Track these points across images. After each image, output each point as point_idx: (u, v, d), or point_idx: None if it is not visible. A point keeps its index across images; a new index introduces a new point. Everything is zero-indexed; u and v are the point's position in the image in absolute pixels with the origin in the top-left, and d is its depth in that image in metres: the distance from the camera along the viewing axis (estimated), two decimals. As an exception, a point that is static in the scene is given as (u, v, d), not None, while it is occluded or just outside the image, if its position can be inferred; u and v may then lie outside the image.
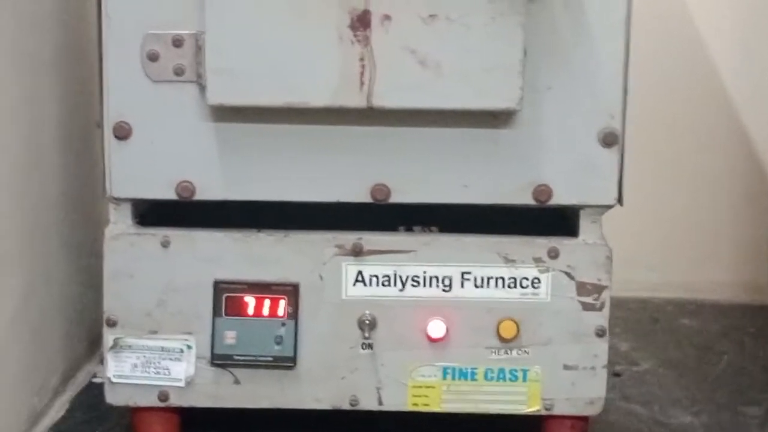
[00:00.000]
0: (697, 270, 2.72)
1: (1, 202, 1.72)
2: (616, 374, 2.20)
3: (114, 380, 1.72)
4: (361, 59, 1.57)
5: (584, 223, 1.70)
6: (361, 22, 1.57)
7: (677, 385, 2.15)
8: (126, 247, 1.70)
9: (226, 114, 1.64)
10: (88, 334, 2.09)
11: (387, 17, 1.56)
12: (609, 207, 1.70)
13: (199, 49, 1.61)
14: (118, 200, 1.69)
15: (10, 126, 1.74)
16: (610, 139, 1.66)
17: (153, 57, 1.63)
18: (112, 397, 1.73)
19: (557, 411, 1.73)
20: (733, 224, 2.68)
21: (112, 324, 1.71)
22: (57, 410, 1.95)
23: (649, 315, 2.58)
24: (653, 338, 2.42)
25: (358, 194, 1.67)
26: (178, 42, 1.63)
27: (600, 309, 1.71)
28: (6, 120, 1.73)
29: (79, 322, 2.05)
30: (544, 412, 1.73)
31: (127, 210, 1.70)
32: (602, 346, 1.72)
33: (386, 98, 1.59)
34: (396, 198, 1.68)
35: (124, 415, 1.82)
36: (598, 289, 1.70)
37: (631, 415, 2.00)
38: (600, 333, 1.71)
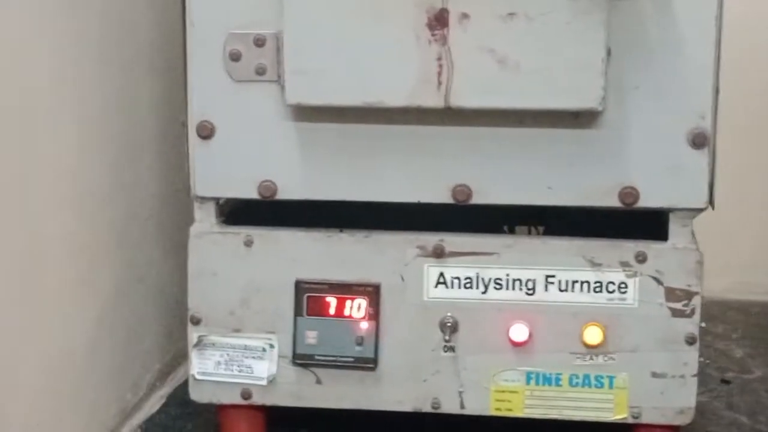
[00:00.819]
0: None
1: (94, 198, 1.75)
2: (726, 381, 2.13)
3: (198, 377, 1.74)
4: (439, 59, 1.55)
5: (674, 227, 1.64)
6: (439, 21, 1.54)
7: (791, 396, 2.07)
8: (209, 245, 1.71)
9: (306, 114, 1.64)
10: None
11: (465, 16, 1.54)
12: (700, 210, 1.64)
13: (279, 49, 1.61)
14: (202, 199, 1.70)
15: (105, 125, 1.78)
16: (699, 140, 1.60)
17: (235, 57, 1.64)
18: (197, 394, 1.75)
19: (645, 420, 1.68)
20: None
21: (196, 322, 1.72)
22: (152, 405, 1.98)
23: (771, 320, 2.50)
24: (773, 345, 2.34)
25: (440, 195, 1.65)
26: (259, 42, 1.63)
27: (690, 315, 1.65)
28: (102, 119, 1.76)
29: (178, 319, 2.07)
30: (631, 420, 1.69)
31: (210, 209, 1.71)
32: (692, 354, 1.66)
33: (464, 98, 1.56)
34: (478, 199, 1.65)
35: (217, 412, 1.84)
36: (688, 295, 1.65)
37: (733, 426, 1.93)
38: (690, 340, 1.65)
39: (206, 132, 1.66)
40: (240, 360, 1.73)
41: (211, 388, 1.74)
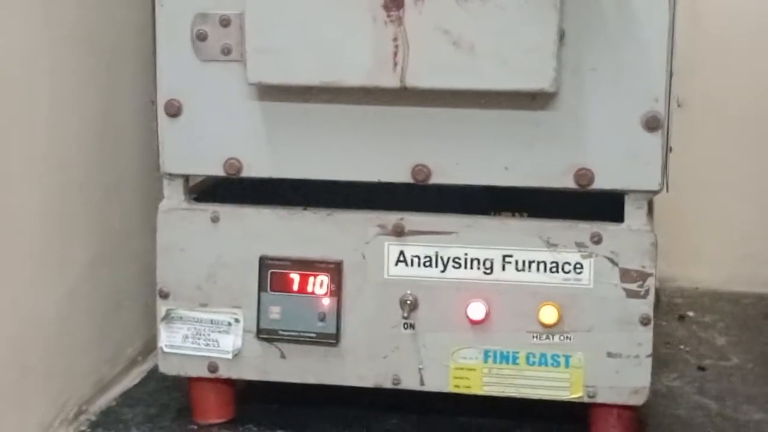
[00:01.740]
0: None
1: (71, 174, 1.80)
2: (702, 368, 2.14)
3: (166, 350, 1.78)
4: (395, 39, 1.58)
5: (629, 209, 1.66)
6: (395, 2, 1.58)
7: (761, 382, 2.07)
8: (178, 221, 1.75)
9: (269, 93, 1.68)
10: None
11: (420, -3, 1.57)
12: (654, 193, 1.66)
13: (243, 29, 1.65)
14: (170, 176, 1.75)
15: (81, 101, 1.82)
16: (653, 123, 1.62)
17: (202, 37, 1.68)
18: (165, 367, 1.80)
19: (600, 399, 1.70)
20: None
21: (164, 296, 1.77)
22: (132, 379, 2.03)
23: (761, 311, 2.50)
24: (756, 334, 2.34)
25: (399, 174, 1.68)
26: (225, 22, 1.67)
27: (644, 296, 1.67)
28: (78, 95, 1.81)
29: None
30: (586, 400, 1.71)
31: (179, 185, 1.75)
32: (646, 335, 1.68)
33: (419, 78, 1.59)
34: (437, 179, 1.68)
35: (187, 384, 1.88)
36: (643, 276, 1.67)
37: (700, 409, 1.95)
38: (644, 321, 1.67)
39: (174, 110, 1.71)
40: (207, 334, 1.77)
41: (179, 361, 1.79)
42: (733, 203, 2.63)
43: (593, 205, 1.71)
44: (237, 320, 1.76)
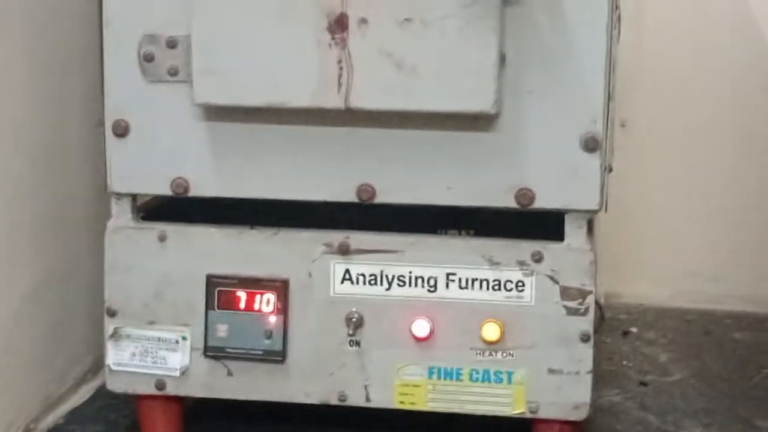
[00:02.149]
0: (761, 283, 2.67)
1: (18, 196, 1.81)
2: (643, 384, 2.18)
3: (113, 368, 1.80)
4: (339, 61, 1.61)
5: (569, 228, 1.70)
6: (339, 25, 1.60)
7: (702, 397, 2.12)
8: (125, 240, 1.77)
9: (216, 113, 1.70)
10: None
11: (363, 21, 1.60)
12: (593, 212, 1.69)
13: (190, 50, 1.67)
14: (117, 195, 1.76)
15: (32, 123, 1.84)
16: (592, 144, 1.65)
17: (149, 58, 1.70)
18: (112, 384, 1.81)
19: (542, 414, 1.73)
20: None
21: (112, 314, 1.78)
22: (80, 396, 2.04)
23: (703, 327, 2.55)
24: (697, 350, 2.39)
25: (345, 194, 1.71)
26: (172, 43, 1.69)
27: (584, 314, 1.70)
28: (28, 118, 1.82)
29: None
30: (528, 415, 1.74)
31: (126, 205, 1.77)
32: (587, 351, 1.71)
33: (363, 100, 1.62)
34: (381, 198, 1.71)
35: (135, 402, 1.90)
36: (583, 294, 1.70)
37: (641, 425, 1.99)
38: (584, 338, 1.71)
39: (121, 130, 1.73)
40: (154, 351, 1.79)
41: (126, 378, 1.80)
42: (677, 221, 2.68)
43: (537, 223, 1.75)
44: (184, 338, 1.78)
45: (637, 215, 2.66)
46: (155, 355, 1.79)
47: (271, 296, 1.75)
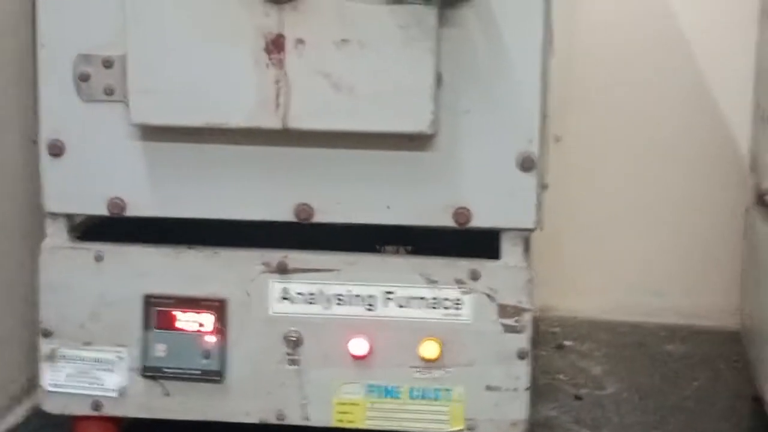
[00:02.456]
0: (694, 296, 2.70)
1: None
2: (578, 397, 2.20)
3: (49, 389, 1.79)
4: (277, 82, 1.62)
5: (506, 246, 1.72)
6: (276, 45, 1.61)
7: (636, 411, 2.14)
8: (61, 260, 1.76)
9: (152, 133, 1.70)
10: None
11: (300, 41, 1.60)
12: (530, 231, 1.71)
13: (126, 70, 1.66)
14: (53, 215, 1.75)
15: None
16: (527, 164, 1.67)
17: (84, 77, 1.69)
18: (49, 406, 1.80)
19: (480, 431, 1.75)
20: (730, 251, 2.66)
21: (47, 334, 1.77)
22: (16, 417, 2.01)
23: (636, 340, 2.57)
24: (631, 363, 2.42)
25: (283, 213, 1.71)
26: (107, 63, 1.69)
27: (521, 331, 1.72)
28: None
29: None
30: (467, 432, 1.76)
31: (62, 224, 1.76)
32: (524, 369, 1.73)
33: (301, 120, 1.63)
34: (319, 218, 1.71)
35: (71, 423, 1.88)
36: (519, 311, 1.72)
37: (576, 439, 2.01)
38: (522, 355, 1.72)
39: (56, 150, 1.72)
40: (91, 372, 1.78)
41: (63, 399, 1.79)
42: (611, 235, 2.71)
43: (474, 241, 1.76)
44: (121, 358, 1.77)
45: (570, 228, 2.69)
46: (92, 376, 1.78)
47: (209, 316, 1.75)
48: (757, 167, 2.04)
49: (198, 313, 1.75)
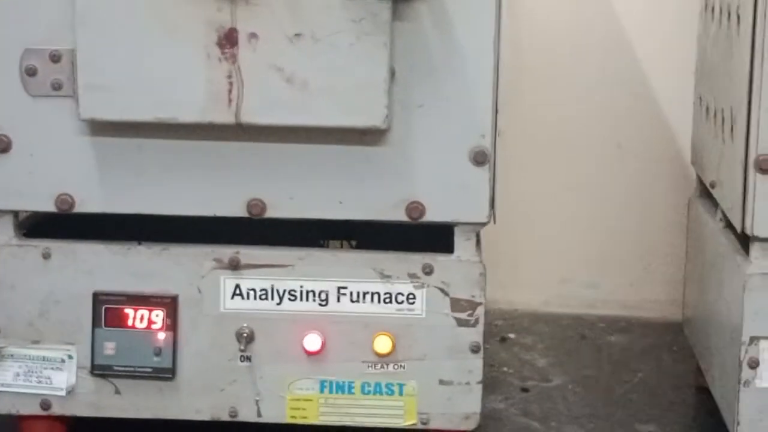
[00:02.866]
0: (632, 288, 2.73)
1: None
2: (525, 390, 2.22)
3: (-4, 389, 1.76)
4: (229, 76, 1.60)
5: (458, 240, 1.72)
6: (228, 39, 1.60)
7: (582, 402, 2.16)
8: (7, 258, 1.73)
9: (102, 128, 1.67)
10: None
11: (254, 35, 1.59)
12: (482, 224, 1.71)
13: (75, 64, 1.64)
14: (-1, 212, 1.73)
15: None
16: (480, 158, 1.68)
17: (31, 72, 1.67)
18: (-5, 406, 1.77)
19: (433, 425, 1.75)
20: (668, 243, 2.69)
21: (-6, 333, 1.74)
22: (-43, 418, 1.98)
23: (578, 332, 2.59)
24: (574, 355, 2.44)
25: (235, 209, 1.70)
26: (55, 57, 1.66)
27: (474, 325, 1.72)
28: None
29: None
30: (420, 426, 1.75)
31: (8, 222, 1.73)
32: (477, 362, 1.73)
33: (254, 115, 1.62)
34: (271, 213, 1.70)
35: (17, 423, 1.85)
36: (472, 305, 1.72)
37: (525, 430, 2.01)
38: (474, 349, 1.73)
39: (2, 145, 1.69)
40: (39, 371, 1.75)
41: (10, 399, 1.76)
42: (550, 228, 2.72)
43: (427, 235, 1.76)
44: (70, 356, 1.75)
45: (509, 222, 2.70)
46: (40, 375, 1.75)
47: (159, 313, 1.73)
48: (701, 159, 2.06)
49: (148, 310, 1.73)
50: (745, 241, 1.72)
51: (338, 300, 1.73)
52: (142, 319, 1.73)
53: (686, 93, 2.54)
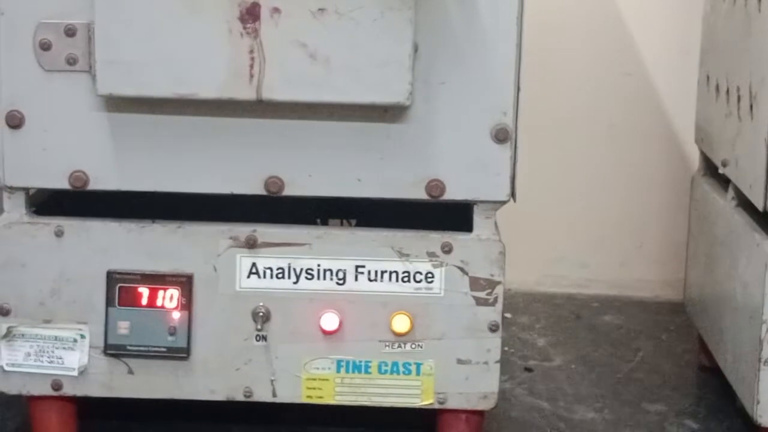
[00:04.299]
0: (625, 267, 2.73)
1: None
2: (528, 369, 2.21)
3: (7, 368, 1.72)
4: (251, 52, 1.58)
5: (478, 219, 1.71)
6: (251, 14, 1.57)
7: (587, 381, 2.16)
8: (19, 236, 1.70)
9: (118, 104, 1.64)
10: None
11: (276, 10, 1.57)
12: (502, 203, 1.70)
13: (91, 38, 1.61)
14: (11, 189, 1.69)
15: None
16: (502, 136, 1.66)
17: (45, 46, 1.63)
18: (6, 386, 1.74)
19: (450, 405, 1.74)
20: (661, 223, 2.70)
21: (5, 313, 1.71)
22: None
23: (573, 311, 2.60)
24: (572, 334, 2.44)
25: (253, 186, 1.68)
26: (70, 31, 1.63)
27: (493, 304, 1.71)
28: None
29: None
30: (437, 406, 1.74)
31: (20, 199, 1.70)
32: (495, 341, 1.72)
33: (276, 91, 1.59)
34: (290, 191, 1.68)
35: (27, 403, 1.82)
36: (491, 284, 1.71)
37: (535, 411, 2.01)
38: (493, 328, 1.72)
39: (16, 121, 1.65)
40: (50, 351, 1.72)
41: (20, 379, 1.73)
42: (542, 207, 2.72)
43: (444, 214, 1.75)
44: (83, 336, 1.72)
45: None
46: (51, 355, 1.72)
47: (174, 292, 1.71)
48: (709, 138, 2.06)
49: (163, 289, 1.70)
50: (764, 219, 1.72)
51: (356, 279, 1.71)
52: (156, 298, 1.70)
53: (681, 71, 2.55)
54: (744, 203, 1.83)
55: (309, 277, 1.71)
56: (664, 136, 2.67)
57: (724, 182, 1.99)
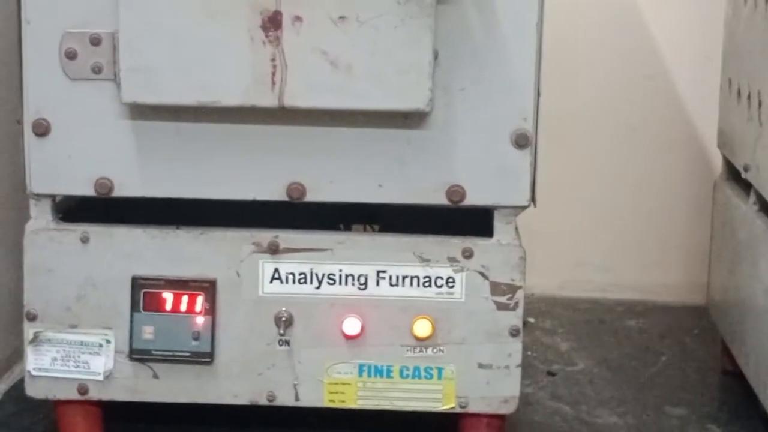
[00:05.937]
0: (648, 272, 2.73)
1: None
2: (551, 373, 2.22)
3: (34, 373, 1.75)
4: (273, 59, 1.60)
5: (498, 224, 1.72)
6: (272, 22, 1.59)
7: (609, 386, 2.16)
8: (45, 242, 1.72)
9: (142, 112, 1.66)
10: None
11: (298, 18, 1.58)
12: (523, 208, 1.71)
13: (116, 47, 1.63)
14: (37, 196, 1.71)
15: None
16: (522, 141, 1.67)
17: (71, 55, 1.66)
18: (33, 390, 1.76)
19: (472, 409, 1.75)
20: (684, 227, 2.70)
21: (32, 318, 1.73)
22: (-9, 400, 1.98)
23: (596, 316, 2.60)
24: (596, 339, 2.44)
25: (275, 193, 1.70)
26: (95, 40, 1.65)
27: (514, 309, 1.72)
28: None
29: (16, 316, 2.06)
30: (458, 410, 1.75)
31: (47, 206, 1.72)
32: (516, 346, 1.73)
33: (298, 98, 1.61)
34: (311, 197, 1.70)
35: (54, 408, 1.85)
36: (512, 289, 1.72)
37: (557, 415, 2.02)
38: (514, 333, 1.73)
39: (42, 129, 1.68)
40: (76, 356, 1.74)
41: (47, 383, 1.75)
42: (564, 211, 2.72)
43: (465, 219, 1.76)
44: (108, 341, 1.74)
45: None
46: (77, 359, 1.74)
47: (198, 297, 1.73)
48: (731, 142, 2.07)
49: (187, 294, 1.72)
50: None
51: (377, 284, 1.72)
52: (180, 303, 1.72)
53: (702, 75, 2.56)
54: (765, 208, 1.84)
55: (331, 282, 1.72)
56: (686, 140, 2.67)
57: (746, 187, 1.99)
